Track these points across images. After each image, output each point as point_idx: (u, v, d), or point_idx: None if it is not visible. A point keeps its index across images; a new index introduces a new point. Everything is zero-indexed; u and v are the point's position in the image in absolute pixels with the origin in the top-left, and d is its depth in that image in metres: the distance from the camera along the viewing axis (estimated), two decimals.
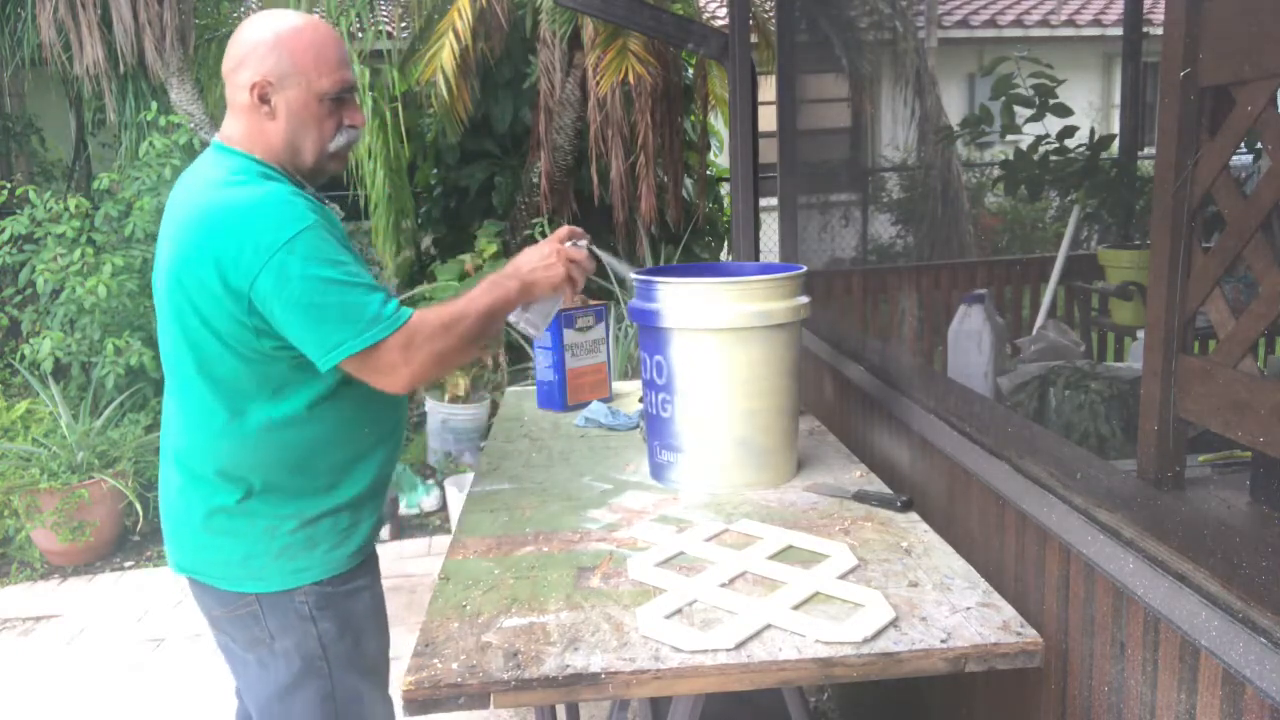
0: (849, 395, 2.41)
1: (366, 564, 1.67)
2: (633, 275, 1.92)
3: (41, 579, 4.07)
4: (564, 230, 1.74)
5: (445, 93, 5.37)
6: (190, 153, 4.84)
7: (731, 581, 1.46)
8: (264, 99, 1.49)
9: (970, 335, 2.76)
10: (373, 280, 1.48)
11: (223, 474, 1.52)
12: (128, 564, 4.18)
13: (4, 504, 4.07)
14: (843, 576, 1.46)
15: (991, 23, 11.19)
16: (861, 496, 1.78)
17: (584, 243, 1.74)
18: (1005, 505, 1.56)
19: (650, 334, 1.87)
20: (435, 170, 6.40)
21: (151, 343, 4.43)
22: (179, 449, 1.57)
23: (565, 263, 1.67)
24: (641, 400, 2.07)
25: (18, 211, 4.69)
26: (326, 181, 1.65)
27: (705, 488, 1.87)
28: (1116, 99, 8.80)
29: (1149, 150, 5.06)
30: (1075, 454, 1.53)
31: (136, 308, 4.55)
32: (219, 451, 1.52)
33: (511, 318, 1.70)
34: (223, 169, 1.50)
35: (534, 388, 2.69)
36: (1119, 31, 5.64)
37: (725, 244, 6.73)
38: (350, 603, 1.61)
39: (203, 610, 1.64)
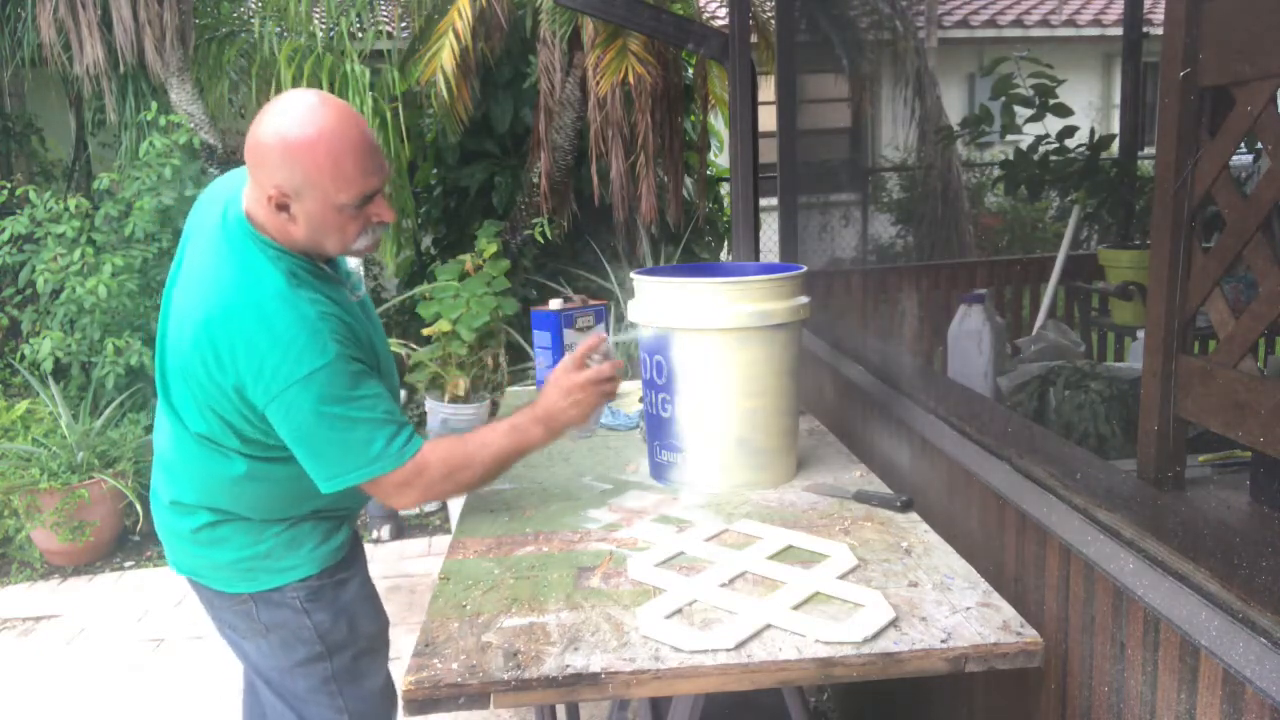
0: (849, 395, 2.41)
1: (351, 555, 1.72)
2: (633, 275, 1.92)
3: (41, 579, 4.07)
4: (580, 350, 1.67)
5: (445, 93, 5.36)
6: (190, 153, 4.83)
7: (731, 581, 1.46)
8: (282, 207, 1.44)
9: (970, 335, 2.76)
10: (385, 411, 1.49)
11: (204, 506, 1.58)
12: (128, 564, 4.18)
13: (4, 504, 4.06)
14: (843, 576, 1.46)
15: (991, 23, 11.19)
16: (861, 496, 1.78)
17: (605, 347, 1.66)
18: (1005, 505, 1.56)
19: (650, 334, 1.87)
20: (435, 170, 6.39)
21: (152, 343, 4.42)
22: (169, 474, 1.61)
23: (594, 390, 1.64)
24: (641, 400, 2.07)
25: (18, 211, 4.69)
26: None
27: (705, 488, 1.87)
28: (1116, 99, 8.81)
29: (1149, 150, 5.07)
30: (1075, 454, 1.53)
31: (136, 308, 4.54)
32: (209, 489, 1.57)
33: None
34: (253, 267, 1.46)
35: (534, 387, 2.69)
36: (1119, 31, 5.64)
37: (725, 244, 6.72)
38: (340, 592, 1.66)
39: (204, 602, 1.70)
